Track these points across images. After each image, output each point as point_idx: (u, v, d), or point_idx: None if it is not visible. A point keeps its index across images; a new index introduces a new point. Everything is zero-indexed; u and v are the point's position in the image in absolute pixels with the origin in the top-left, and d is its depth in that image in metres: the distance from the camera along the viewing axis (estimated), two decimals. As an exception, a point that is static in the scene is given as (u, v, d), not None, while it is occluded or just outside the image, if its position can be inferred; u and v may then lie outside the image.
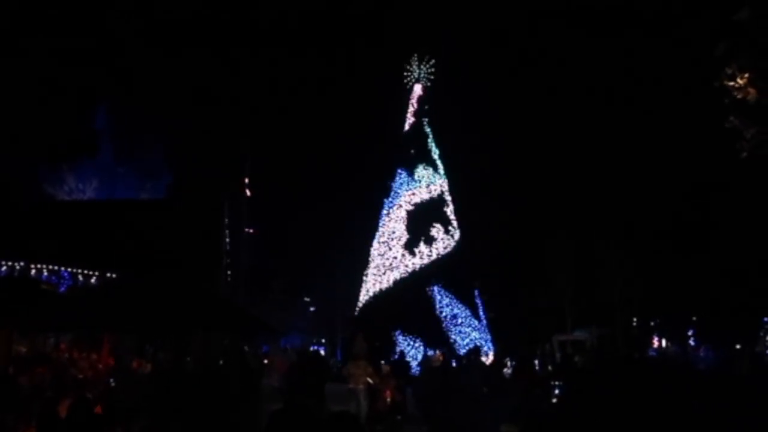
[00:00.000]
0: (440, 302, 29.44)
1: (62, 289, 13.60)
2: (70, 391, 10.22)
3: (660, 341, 39.80)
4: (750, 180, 26.99)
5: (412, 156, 32.71)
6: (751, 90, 7.19)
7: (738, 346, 30.23)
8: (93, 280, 13.86)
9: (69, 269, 13.90)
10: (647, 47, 53.29)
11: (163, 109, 45.88)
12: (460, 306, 29.85)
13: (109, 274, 13.58)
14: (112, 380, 11.41)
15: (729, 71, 7.33)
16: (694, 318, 35.50)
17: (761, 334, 29.21)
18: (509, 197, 43.90)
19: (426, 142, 33.08)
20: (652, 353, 35.48)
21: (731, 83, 7.30)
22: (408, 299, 29.40)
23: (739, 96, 7.33)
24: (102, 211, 20.45)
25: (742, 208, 30.62)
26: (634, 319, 38.82)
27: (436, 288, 29.74)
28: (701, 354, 34.75)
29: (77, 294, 11.04)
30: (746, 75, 7.21)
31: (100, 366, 13.36)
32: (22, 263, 13.76)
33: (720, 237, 32.22)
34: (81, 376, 12.17)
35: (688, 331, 37.51)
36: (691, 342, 37.24)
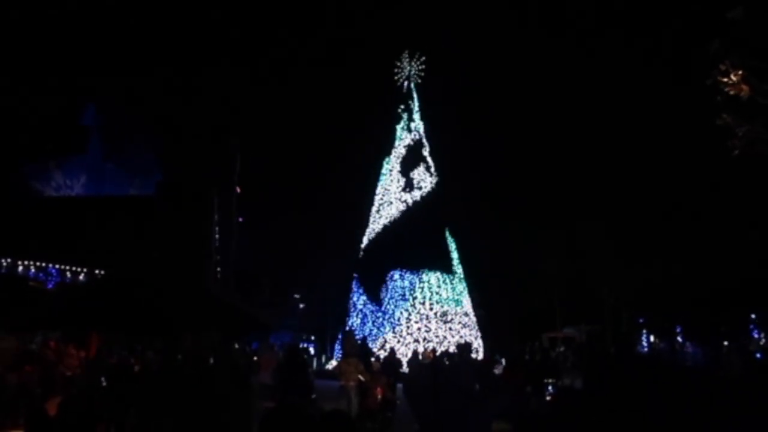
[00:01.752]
0: (430, 299, 29.44)
1: (50, 285, 13.48)
2: (59, 389, 10.13)
3: (648, 338, 40.06)
4: (740, 177, 27.21)
5: (403, 153, 32.69)
6: (744, 87, 7.19)
7: (726, 343, 30.48)
8: (81, 277, 13.74)
9: (57, 266, 13.77)
10: (640, 44, 53.50)
11: (152, 106, 45.63)
12: (449, 302, 29.87)
13: (97, 271, 13.46)
14: (103, 379, 11.30)
15: (723, 68, 7.33)
16: (682, 314, 35.68)
17: (751, 328, 29.39)
18: (500, 195, 44.04)
19: (416, 139, 33.06)
20: (643, 350, 35.75)
21: (725, 79, 7.30)
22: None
23: (732, 92, 7.32)
24: (90, 207, 20.29)
25: (731, 204, 30.83)
26: (623, 316, 39.03)
27: (426, 284, 29.74)
28: (689, 350, 35.01)
29: (65, 291, 10.93)
30: (740, 72, 7.22)
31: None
32: (9, 260, 13.62)
33: (708, 233, 32.39)
34: (69, 374, 12.06)
35: (675, 327, 37.76)
36: (679, 338, 37.51)
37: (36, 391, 10.06)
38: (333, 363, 28.98)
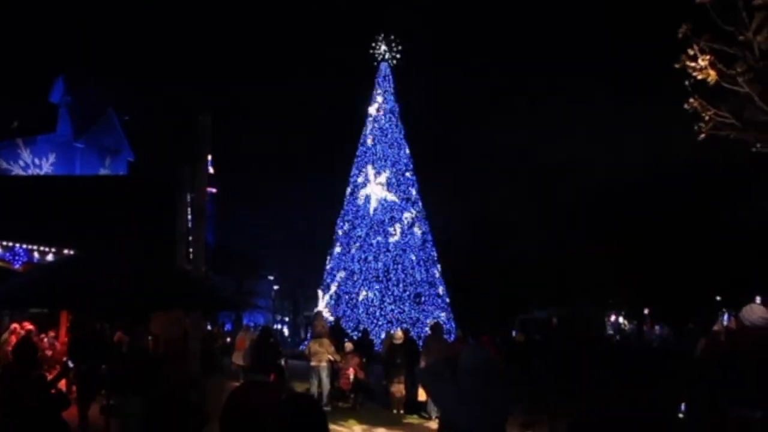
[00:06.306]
0: (404, 280, 29.59)
1: (17, 265, 13.26)
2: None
3: (617, 319, 40.77)
4: (707, 162, 27.69)
5: (377, 134, 32.60)
6: (711, 72, 7.31)
7: (691, 325, 31.16)
8: (50, 257, 13.54)
9: (24, 245, 13.53)
10: (608, 29, 53.91)
11: (122, 84, 44.84)
12: (423, 285, 30.05)
13: (66, 251, 13.27)
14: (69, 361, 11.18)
15: (691, 52, 7.43)
16: (651, 296, 36.32)
17: (720, 313, 29.98)
18: (475, 176, 44.30)
19: (392, 121, 32.98)
20: (611, 332, 36.38)
21: (692, 64, 7.41)
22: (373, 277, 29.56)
23: (699, 77, 7.45)
24: (58, 186, 19.98)
25: (700, 189, 31.36)
26: (593, 299, 39.61)
27: (401, 266, 29.88)
28: (656, 332, 35.72)
29: (33, 271, 10.77)
30: (707, 57, 7.33)
31: (58, 345, 13.10)
32: (-26, 240, 13.36)
33: (678, 219, 32.93)
34: (39, 354, 11.90)
35: (643, 310, 38.43)
36: (647, 320, 38.22)
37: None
38: (306, 344, 29.03)
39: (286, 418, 2.66)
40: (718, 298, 32.61)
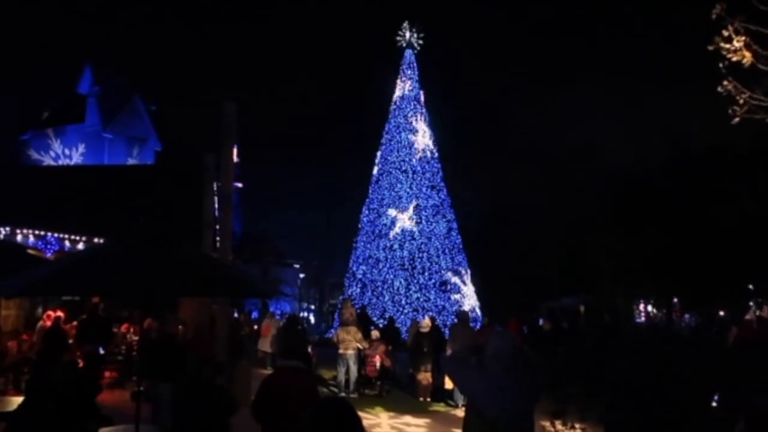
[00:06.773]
0: (429, 268, 29.54)
1: (49, 254, 13.50)
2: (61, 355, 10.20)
3: (646, 308, 40.25)
4: (738, 145, 27.11)
5: (402, 122, 32.47)
6: (747, 53, 7.12)
7: (721, 314, 30.63)
8: (80, 245, 13.76)
9: (55, 234, 13.77)
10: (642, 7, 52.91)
11: (149, 75, 45.35)
12: (448, 272, 29.98)
13: (96, 239, 13.47)
14: (100, 348, 11.37)
15: (726, 33, 7.24)
16: (680, 285, 35.75)
17: (750, 303, 29.41)
18: (501, 164, 43.96)
19: (417, 109, 32.82)
20: (640, 320, 35.94)
21: (727, 45, 7.22)
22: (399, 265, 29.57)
23: (734, 59, 7.26)
24: (88, 175, 20.28)
25: (729, 173, 30.74)
26: (620, 287, 39.17)
27: (426, 254, 29.83)
28: (685, 320, 35.20)
29: (64, 259, 10.96)
30: (742, 38, 7.14)
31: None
32: (7, 228, 13.63)
33: (707, 206, 32.31)
34: (71, 341, 12.14)
35: (672, 298, 37.88)
36: (676, 309, 37.68)
37: (34, 357, 10.14)
38: (332, 332, 29.17)
39: (319, 424, 2.31)
40: (750, 286, 31.95)
